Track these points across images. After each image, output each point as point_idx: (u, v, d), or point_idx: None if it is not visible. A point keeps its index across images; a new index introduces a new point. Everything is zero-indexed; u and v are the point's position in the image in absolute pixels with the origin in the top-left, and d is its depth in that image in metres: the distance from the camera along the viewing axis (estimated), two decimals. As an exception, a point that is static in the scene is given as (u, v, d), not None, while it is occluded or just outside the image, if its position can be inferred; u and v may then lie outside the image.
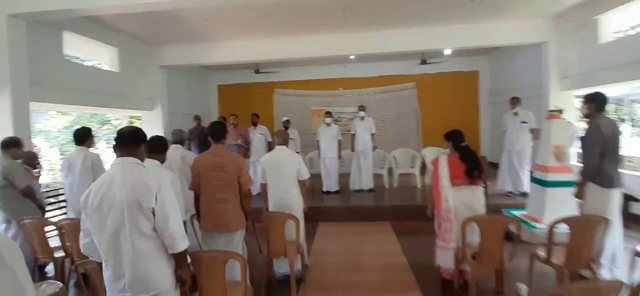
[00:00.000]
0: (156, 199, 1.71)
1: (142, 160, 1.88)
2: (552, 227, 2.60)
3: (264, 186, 3.52)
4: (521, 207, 5.24)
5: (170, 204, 1.76)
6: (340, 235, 5.01)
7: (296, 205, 3.46)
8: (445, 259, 2.93)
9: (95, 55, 6.43)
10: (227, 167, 2.73)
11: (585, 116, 3.17)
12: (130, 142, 1.84)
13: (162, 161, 2.69)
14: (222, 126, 2.87)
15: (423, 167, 7.20)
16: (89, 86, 5.85)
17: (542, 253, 2.86)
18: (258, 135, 6.90)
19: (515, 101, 5.71)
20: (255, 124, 7.02)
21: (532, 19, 6.57)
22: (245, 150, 6.74)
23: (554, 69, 6.69)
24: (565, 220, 2.63)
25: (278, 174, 3.43)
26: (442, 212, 2.95)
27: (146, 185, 1.72)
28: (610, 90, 5.10)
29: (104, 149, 11.15)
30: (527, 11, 6.30)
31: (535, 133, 5.57)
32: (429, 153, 7.25)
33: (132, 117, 11.92)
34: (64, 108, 6.52)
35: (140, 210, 1.70)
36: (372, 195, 6.50)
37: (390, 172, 7.21)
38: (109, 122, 12.56)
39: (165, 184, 1.77)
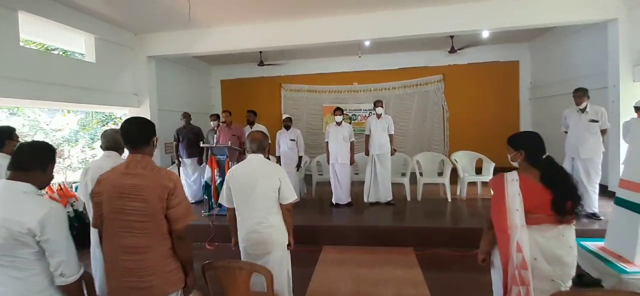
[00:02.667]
0: None
1: None
2: None
3: (230, 212, 2.43)
4: (592, 235, 3.90)
5: None
6: (348, 265, 3.87)
7: (276, 239, 2.35)
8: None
9: (64, 42, 5.52)
10: (144, 192, 1.63)
11: None
12: None
13: (42, 184, 1.59)
14: (141, 124, 1.75)
15: (454, 175, 5.90)
16: (55, 78, 4.94)
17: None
18: (255, 136, 5.82)
19: (581, 94, 4.28)
20: (251, 123, 5.95)
21: (594, -8, 5.20)
22: (239, 153, 5.70)
23: (624, 53, 5.29)
24: None
25: (249, 195, 2.32)
26: (511, 267, 1.75)
27: None
28: None
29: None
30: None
31: (604, 135, 4.31)
32: (462, 158, 5.94)
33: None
34: (20, 104, 5.64)
35: None
36: (391, 211, 5.28)
37: (412, 179, 5.96)
38: (112, 119, 11.87)
39: None
